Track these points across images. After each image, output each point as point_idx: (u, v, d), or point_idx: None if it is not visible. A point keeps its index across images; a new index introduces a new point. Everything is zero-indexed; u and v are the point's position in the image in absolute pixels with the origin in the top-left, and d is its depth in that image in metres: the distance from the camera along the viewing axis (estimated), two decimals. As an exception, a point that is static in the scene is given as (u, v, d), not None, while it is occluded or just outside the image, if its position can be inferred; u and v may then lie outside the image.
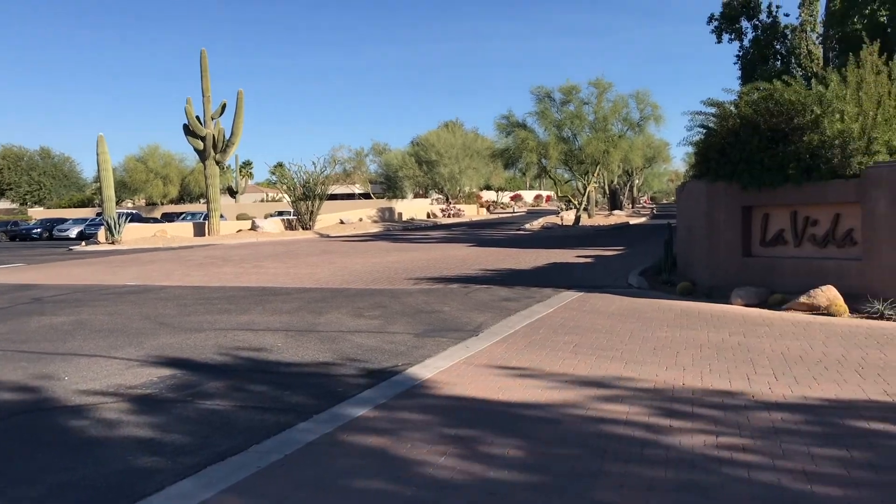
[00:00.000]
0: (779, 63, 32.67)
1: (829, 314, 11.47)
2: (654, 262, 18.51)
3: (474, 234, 42.64)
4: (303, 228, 49.73)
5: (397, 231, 50.52)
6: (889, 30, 25.33)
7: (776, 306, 12.32)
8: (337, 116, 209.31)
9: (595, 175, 52.26)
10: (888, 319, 10.92)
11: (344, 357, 9.22)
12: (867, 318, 11.16)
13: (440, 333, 10.62)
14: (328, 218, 54.90)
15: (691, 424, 6.12)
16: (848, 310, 11.52)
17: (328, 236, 45.00)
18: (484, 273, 19.31)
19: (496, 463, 5.35)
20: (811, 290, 11.85)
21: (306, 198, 50.09)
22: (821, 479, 4.90)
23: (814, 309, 11.69)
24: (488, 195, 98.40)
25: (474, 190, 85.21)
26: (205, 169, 46.24)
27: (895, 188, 11.45)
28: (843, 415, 6.27)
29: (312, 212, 50.12)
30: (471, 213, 78.68)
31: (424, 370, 8.27)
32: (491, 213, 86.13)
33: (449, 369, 8.29)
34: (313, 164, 51.67)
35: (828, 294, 11.66)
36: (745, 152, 13.54)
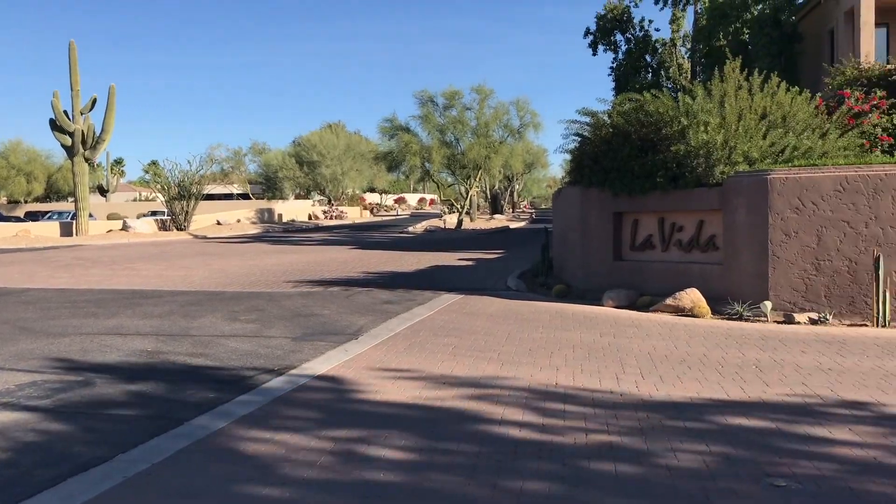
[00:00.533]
0: (650, 75, 34.19)
1: (692, 315, 12.07)
2: (532, 265, 18.96)
3: (357, 236, 42.43)
4: (177, 229, 48.07)
5: (277, 233, 49.62)
6: (751, 47, 26.95)
7: (644, 308, 12.86)
8: (215, 115, 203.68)
9: (477, 179, 53.06)
10: (746, 320, 11.59)
11: (218, 362, 8.97)
12: (727, 319, 11.80)
13: (319, 337, 10.50)
14: (205, 219, 53.27)
15: (563, 423, 6.30)
16: (710, 311, 12.15)
17: (204, 237, 43.68)
18: (365, 276, 19.25)
19: (374, 465, 5.34)
20: (677, 293, 12.44)
21: (181, 197, 48.45)
22: (683, 473, 5.15)
23: (679, 310, 12.28)
24: (372, 198, 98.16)
25: (357, 192, 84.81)
26: (73, 166, 43.92)
27: (753, 197, 12.16)
28: (704, 411, 6.61)
29: (188, 212, 48.53)
30: (354, 215, 78.21)
31: (302, 374, 8.15)
32: (374, 215, 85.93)
33: (327, 373, 8.21)
34: (189, 162, 50.12)
35: (692, 296, 12.27)
36: (616, 160, 14.08)
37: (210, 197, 61.50)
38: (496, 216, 68.16)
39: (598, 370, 8.26)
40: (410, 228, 48.63)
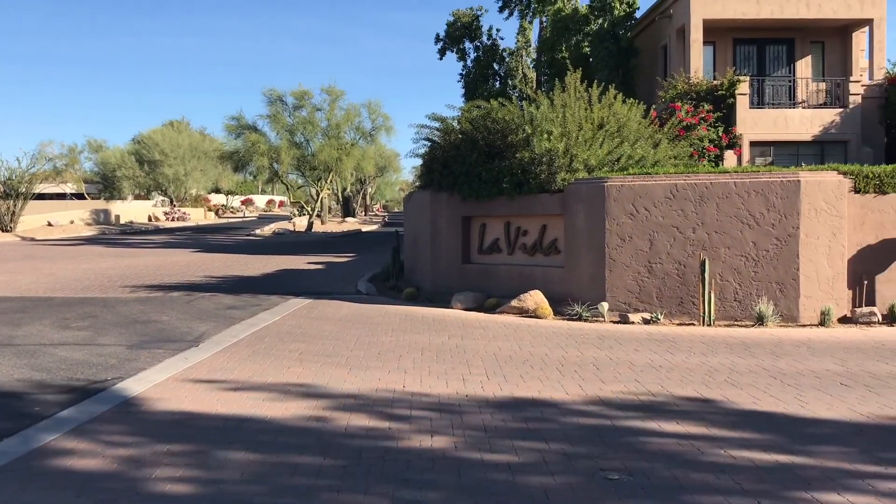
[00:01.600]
0: (498, 83, 35.08)
1: (536, 317, 12.46)
2: (383, 268, 18.95)
3: (200, 239, 40.92)
4: (2, 231, 44.64)
5: (114, 235, 47.06)
6: (591, 60, 28.18)
7: (491, 310, 13.15)
8: (47, 110, 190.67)
9: (328, 182, 52.53)
10: (586, 321, 12.08)
11: (45, 373, 8.37)
12: (569, 319, 12.26)
13: (157, 345, 10.02)
14: (34, 220, 49.73)
15: (409, 426, 6.31)
16: (552, 312, 12.59)
17: (33, 240, 40.79)
18: (209, 280, 18.58)
19: (213, 478, 5.13)
20: (521, 295, 12.80)
21: (7, 196, 45.04)
22: (524, 470, 5.28)
23: (523, 312, 12.64)
24: (217, 199, 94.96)
25: (202, 193, 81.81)
26: None
27: (592, 203, 12.71)
28: (545, 409, 6.82)
29: (14, 212, 45.17)
30: (198, 217, 75.36)
31: (137, 384, 7.75)
32: (220, 217, 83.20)
33: (164, 382, 7.84)
34: (17, 159, 46.61)
35: (535, 298, 12.66)
36: (465, 166, 14.33)
37: (41, 196, 57.48)
38: (348, 219, 67.76)
39: (445, 372, 8.35)
40: (258, 231, 47.45)
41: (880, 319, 11.54)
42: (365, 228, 55.10)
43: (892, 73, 24.10)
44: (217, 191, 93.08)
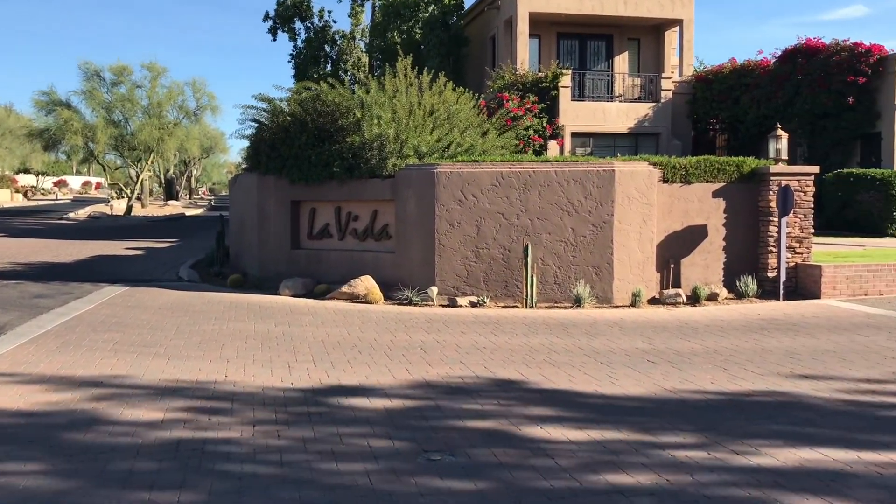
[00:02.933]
0: (329, 66, 34.61)
1: (367, 302, 12.46)
2: (207, 254, 18.27)
3: (5, 223, 37.75)
4: None
5: None
6: (423, 46, 28.41)
7: (322, 296, 13.01)
8: None
9: (150, 163, 49.93)
10: (416, 305, 12.22)
11: None
12: (399, 304, 12.35)
13: (-50, 337, 9.15)
14: None
15: (230, 418, 6.13)
16: (383, 298, 12.64)
17: None
18: (14, 267, 17.18)
19: (10, 481, 4.75)
20: (352, 280, 12.75)
21: None
22: (348, 458, 5.26)
23: (354, 297, 12.60)
24: (27, 179, 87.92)
25: (7, 173, 75.45)
26: None
27: (422, 189, 12.84)
28: (372, 394, 6.83)
29: None
30: (3, 198, 69.52)
31: (-76, 382, 7.03)
32: (29, 199, 77.05)
33: (-42, 378, 7.17)
34: None
35: (366, 283, 12.65)
36: (294, 148, 14.05)
37: None
38: (171, 202, 64.74)
39: (270, 360, 8.17)
40: (72, 214, 44.37)
41: (685, 300, 12.45)
42: (189, 212, 52.90)
43: (700, 72, 26.01)
44: (26, 171, 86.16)
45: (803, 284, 12.92)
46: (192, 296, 13.03)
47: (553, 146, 22.92)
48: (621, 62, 26.49)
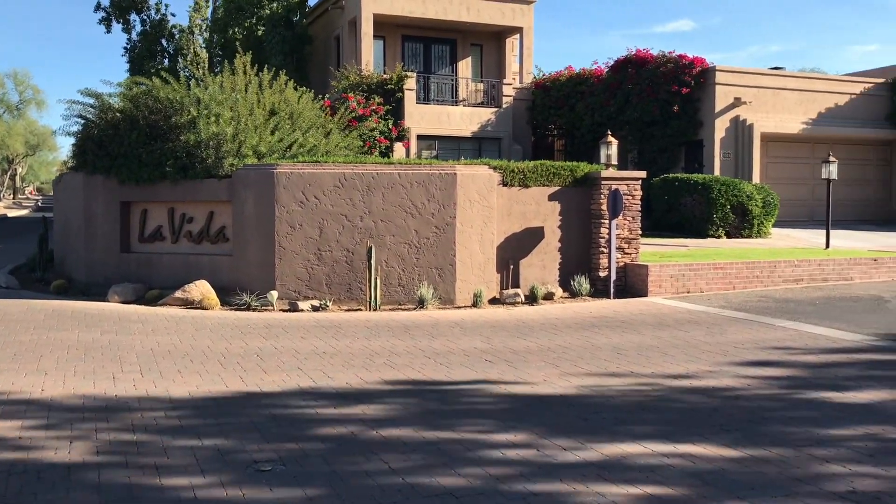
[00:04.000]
0: (167, 61, 33.13)
1: (202, 308, 11.98)
2: (29, 258, 17.00)
3: None
4: None
5: None
6: (265, 44, 27.74)
7: (153, 302, 12.40)
8: None
9: (-35, 160, 46.00)
10: (255, 310, 11.88)
11: None
12: (237, 309, 11.96)
13: None
14: None
15: (45, 434, 5.69)
16: (220, 303, 12.20)
17: None
18: None
19: None
20: (186, 286, 12.23)
21: None
22: (173, 470, 5.00)
23: (188, 303, 12.09)
24: None
25: None
26: None
27: (261, 190, 12.50)
28: (201, 405, 6.55)
29: None
30: None
31: None
32: None
33: None
34: None
35: (201, 289, 12.17)
36: (123, 147, 13.33)
37: None
38: (-7, 203, 59.94)
39: (93, 371, 7.68)
40: None
41: (523, 300, 12.80)
42: (12, 213, 49.21)
43: (539, 79, 26.89)
44: None
45: (632, 283, 13.61)
46: (9, 303, 12.07)
47: (399, 148, 23.01)
48: (465, 67, 26.96)
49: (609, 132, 15.32)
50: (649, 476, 4.94)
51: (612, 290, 13.28)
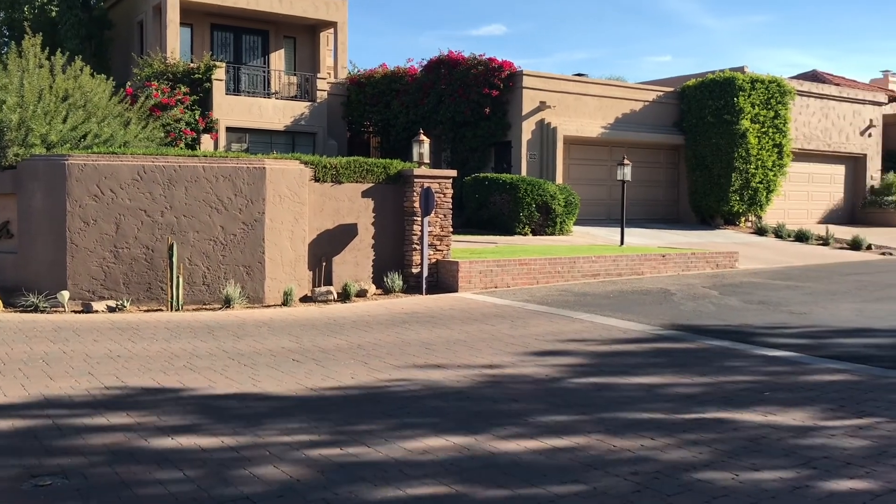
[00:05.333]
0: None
1: (-19, 310, 10.93)
2: None
3: None
4: None
5: None
6: (60, 26, 25.76)
7: (-78, 305, 11.16)
8: None
9: None
10: (43, 312, 10.99)
11: None
12: (22, 311, 11.01)
13: None
14: None
15: None
16: (3, 304, 11.18)
17: None
18: None
19: None
20: (-38, 286, 11.09)
21: None
22: (-69, 494, 4.50)
23: (-36, 306, 10.98)
24: None
25: None
26: None
27: (51, 182, 11.58)
28: (-27, 417, 5.96)
29: None
30: None
31: None
32: None
33: None
34: None
35: (-20, 289, 11.09)
36: None
37: None
38: None
39: None
40: None
41: (336, 297, 12.70)
42: None
43: (354, 75, 26.81)
44: None
45: (443, 279, 13.88)
46: None
47: (207, 140, 22.15)
48: (278, 59, 26.39)
49: (422, 131, 15.49)
50: (449, 469, 5.02)
51: (424, 286, 13.48)
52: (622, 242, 18.88)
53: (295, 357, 8.35)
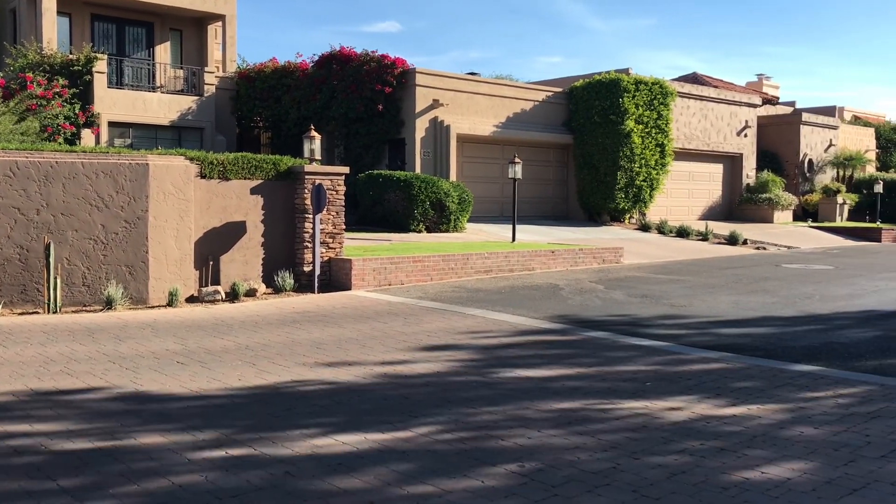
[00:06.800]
0: None
1: None
2: None
3: None
4: None
5: None
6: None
7: None
8: None
9: None
10: None
11: None
12: None
13: None
14: None
15: None
16: None
17: None
18: None
19: None
20: None
21: None
22: None
23: None
24: None
25: None
26: None
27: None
28: None
29: None
30: None
31: None
32: None
33: None
34: None
35: None
36: None
37: None
38: None
39: None
40: None
41: (223, 297, 12.40)
42: None
43: (243, 69, 26.22)
44: None
45: (336, 277, 13.77)
46: None
47: (88, 135, 21.20)
48: (163, 52, 25.51)
49: (313, 126, 15.29)
50: (338, 468, 4.99)
51: (316, 284, 13.33)
52: (514, 239, 19.22)
53: (179, 359, 8.10)
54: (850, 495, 4.59)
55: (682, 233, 24.98)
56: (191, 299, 12.28)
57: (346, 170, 14.52)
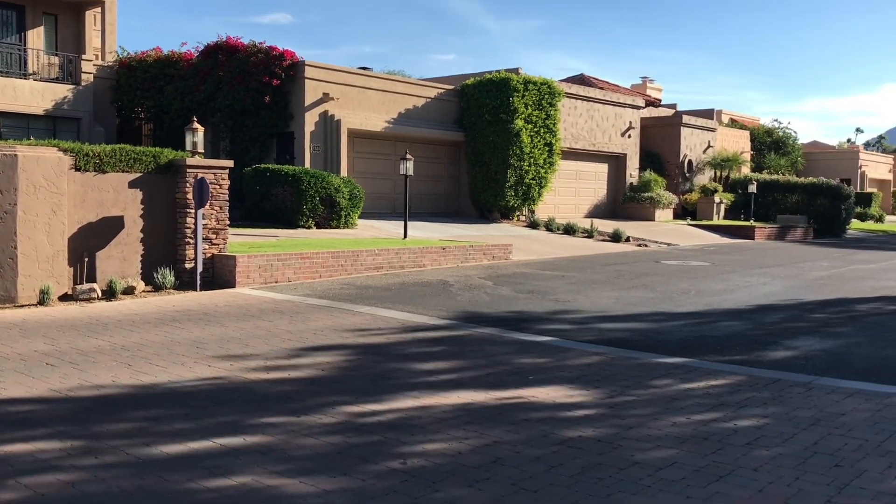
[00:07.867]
0: None
1: None
2: None
3: None
4: None
5: None
6: None
7: None
8: None
9: None
10: None
11: None
12: None
13: None
14: None
15: None
16: None
17: None
18: None
19: None
20: None
21: None
22: None
23: None
24: None
25: None
26: None
27: None
28: None
29: None
30: None
31: None
32: None
33: None
34: None
35: None
36: None
37: None
38: None
39: None
40: None
41: (100, 295, 11.85)
42: None
43: (124, 58, 25.15)
44: None
45: (220, 274, 13.39)
46: None
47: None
48: (37, 37, 24.14)
49: (195, 118, 14.78)
50: (214, 470, 4.84)
51: (198, 282, 12.92)
52: (405, 236, 19.21)
53: (49, 361, 7.68)
54: (717, 482, 4.80)
55: (569, 230, 25.61)
56: (64, 298, 11.68)
57: (230, 163, 14.13)
